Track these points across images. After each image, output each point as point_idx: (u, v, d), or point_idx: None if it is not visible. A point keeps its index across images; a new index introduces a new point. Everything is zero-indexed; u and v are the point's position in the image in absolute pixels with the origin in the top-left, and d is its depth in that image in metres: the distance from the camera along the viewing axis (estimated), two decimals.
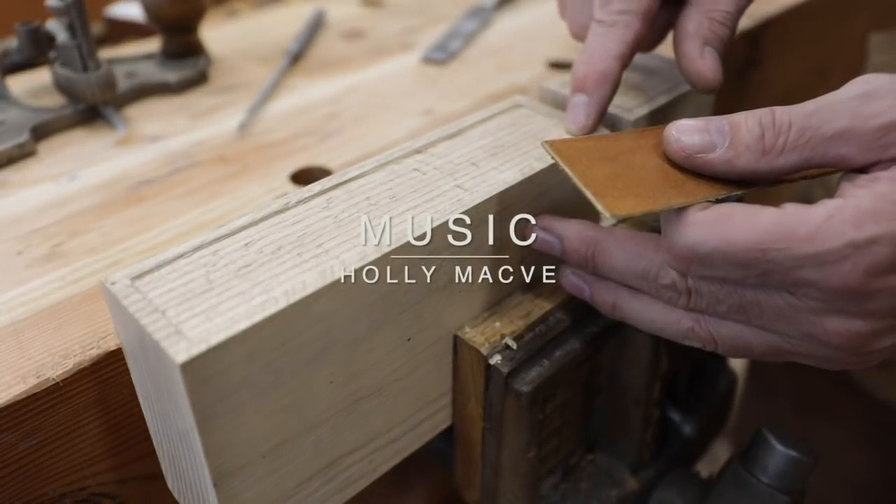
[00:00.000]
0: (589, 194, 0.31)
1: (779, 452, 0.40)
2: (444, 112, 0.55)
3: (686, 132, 0.31)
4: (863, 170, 0.29)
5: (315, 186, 0.34)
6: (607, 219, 0.30)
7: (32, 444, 0.33)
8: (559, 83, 0.43)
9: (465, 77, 0.60)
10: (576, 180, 0.31)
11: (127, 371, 0.33)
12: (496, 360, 0.36)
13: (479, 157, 0.36)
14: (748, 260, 0.28)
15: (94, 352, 0.33)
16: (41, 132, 0.52)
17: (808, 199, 0.29)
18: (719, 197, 0.31)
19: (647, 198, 0.31)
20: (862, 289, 0.27)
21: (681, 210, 0.30)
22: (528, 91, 0.57)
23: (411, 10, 0.76)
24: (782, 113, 0.30)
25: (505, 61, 0.63)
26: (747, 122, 0.30)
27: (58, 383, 0.32)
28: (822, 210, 0.28)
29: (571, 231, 0.35)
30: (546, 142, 0.34)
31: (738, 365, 0.87)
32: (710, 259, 0.29)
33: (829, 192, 0.30)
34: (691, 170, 0.32)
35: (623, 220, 0.30)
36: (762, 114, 0.30)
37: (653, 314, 0.34)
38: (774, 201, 0.30)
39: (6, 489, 0.33)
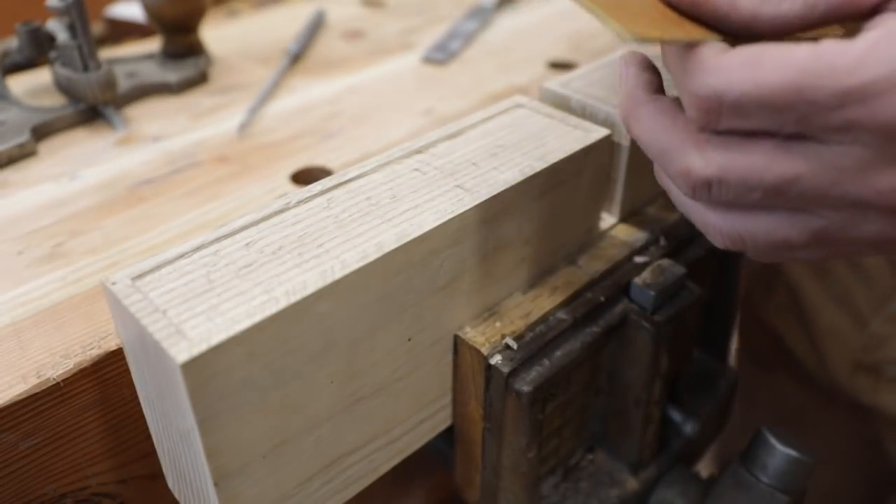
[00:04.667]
0: (602, 14, 0.27)
1: (779, 452, 0.40)
2: (444, 112, 0.55)
3: None
4: (877, 9, 0.26)
5: (315, 186, 0.34)
6: (627, 39, 0.26)
7: (33, 444, 0.33)
8: (559, 83, 0.43)
9: (465, 77, 0.60)
10: (594, 10, 0.27)
11: (127, 371, 0.33)
12: (496, 360, 0.36)
13: (479, 157, 0.36)
14: (784, 102, 0.24)
15: (95, 352, 0.33)
16: (41, 132, 0.52)
17: None
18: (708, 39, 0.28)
19: (666, 28, 0.28)
20: None
21: (700, 52, 0.26)
22: (528, 91, 0.57)
23: (411, 10, 0.76)
24: None
25: (505, 61, 0.63)
26: None
27: (58, 383, 0.32)
28: (864, 40, 0.24)
29: (626, 86, 0.31)
30: None
31: None
32: (740, 105, 0.25)
33: None
34: (688, 8, 0.28)
35: (643, 42, 0.27)
36: None
37: (678, 198, 0.31)
38: None
39: (6, 489, 0.33)
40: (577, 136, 0.38)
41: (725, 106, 0.26)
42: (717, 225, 0.29)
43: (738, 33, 0.28)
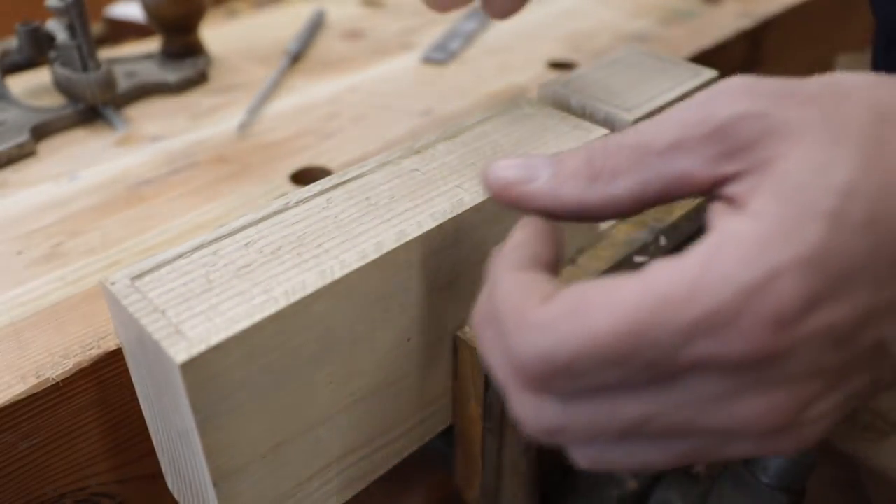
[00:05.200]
0: None
1: None
2: (444, 112, 0.55)
3: (503, 167, 0.26)
4: (715, 190, 0.23)
5: (315, 186, 0.34)
6: None
7: (32, 444, 0.33)
8: (559, 83, 0.43)
9: (465, 77, 0.60)
10: None
11: (127, 371, 0.33)
12: None
13: (478, 157, 0.36)
14: (623, 353, 0.21)
15: (94, 352, 0.33)
16: (41, 132, 0.52)
17: None
18: None
19: None
20: (775, 347, 0.20)
21: (520, 304, 0.23)
22: (528, 91, 0.57)
23: (411, 10, 0.76)
24: (616, 136, 0.25)
25: (505, 61, 0.63)
26: (576, 151, 0.25)
27: (58, 383, 0.32)
28: (696, 256, 0.21)
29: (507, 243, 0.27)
30: None
31: None
32: (575, 367, 0.21)
33: None
34: (509, 205, 0.26)
35: None
36: (595, 141, 0.25)
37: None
38: None
39: (6, 489, 0.33)
40: (577, 135, 0.38)
41: (558, 370, 0.21)
42: (575, 451, 0.25)
43: (568, 221, 0.26)
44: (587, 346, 0.21)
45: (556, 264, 0.26)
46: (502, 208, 0.29)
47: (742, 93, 0.23)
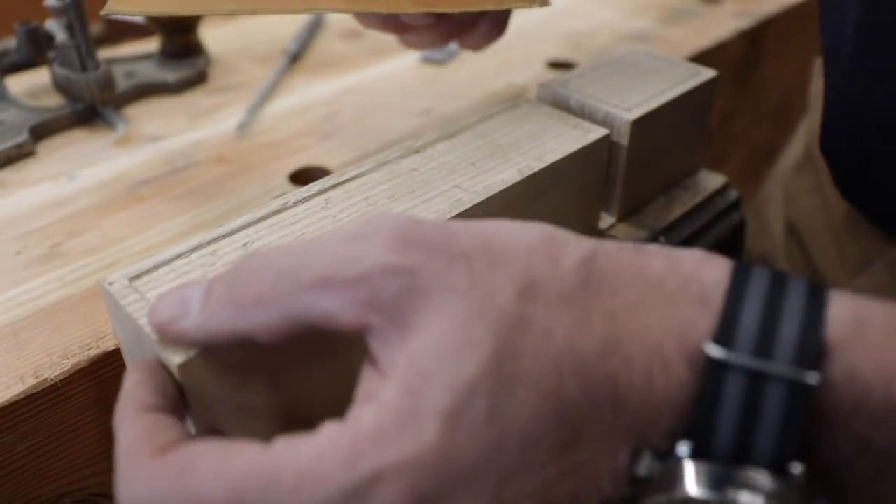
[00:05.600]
0: None
1: None
2: (444, 112, 0.55)
3: (160, 307, 0.25)
4: (364, 336, 0.23)
5: (313, 186, 0.34)
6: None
7: (31, 445, 0.33)
8: (558, 82, 0.43)
9: (464, 77, 0.60)
10: None
11: (125, 371, 0.33)
12: None
13: (477, 157, 0.36)
14: None
15: (93, 352, 0.33)
16: (40, 132, 0.52)
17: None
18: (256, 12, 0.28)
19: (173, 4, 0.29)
20: None
21: (133, 457, 0.22)
22: (527, 91, 0.57)
23: None
24: (267, 254, 0.23)
25: (504, 61, 0.63)
26: (224, 275, 0.24)
27: (56, 383, 0.32)
28: (314, 443, 0.20)
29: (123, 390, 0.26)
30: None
31: None
32: None
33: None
34: (173, 343, 0.25)
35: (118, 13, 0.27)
36: (243, 261, 0.24)
37: None
38: None
39: (5, 489, 0.33)
40: (576, 135, 0.38)
41: None
42: None
43: (229, 347, 0.25)
44: None
45: (179, 404, 0.25)
46: (492, 213, 0.29)
47: (394, 240, 0.22)
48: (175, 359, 0.25)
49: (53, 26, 0.52)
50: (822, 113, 0.44)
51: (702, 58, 0.63)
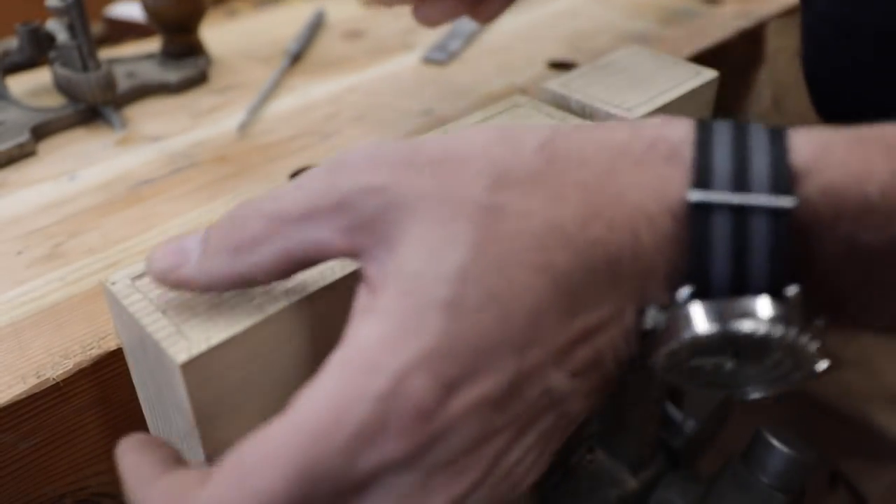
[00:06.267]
0: None
1: (779, 452, 0.40)
2: (444, 112, 0.55)
3: (158, 256, 0.26)
4: (356, 260, 0.24)
5: None
6: None
7: (32, 444, 0.33)
8: (559, 83, 0.43)
9: (465, 77, 0.60)
10: None
11: (127, 371, 0.33)
12: None
13: None
14: (301, 497, 0.21)
15: (95, 352, 0.33)
16: (41, 132, 0.52)
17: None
18: None
19: None
20: (427, 435, 0.21)
21: (178, 480, 0.23)
22: (527, 91, 0.57)
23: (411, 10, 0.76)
24: (256, 202, 0.25)
25: (505, 61, 0.63)
26: (220, 222, 0.25)
27: (58, 383, 0.32)
28: (331, 377, 0.22)
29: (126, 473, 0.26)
30: None
31: None
32: None
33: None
34: (177, 290, 0.26)
35: None
36: (237, 207, 0.25)
37: None
38: None
39: (6, 489, 0.33)
40: None
41: None
42: None
43: (230, 290, 0.26)
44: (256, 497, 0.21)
45: (181, 458, 0.26)
46: None
47: (364, 164, 0.23)
48: (178, 358, 0.25)
49: (55, 26, 0.52)
50: (804, 44, 0.46)
51: (702, 58, 0.63)
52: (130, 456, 0.25)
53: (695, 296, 0.22)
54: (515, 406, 0.22)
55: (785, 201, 0.21)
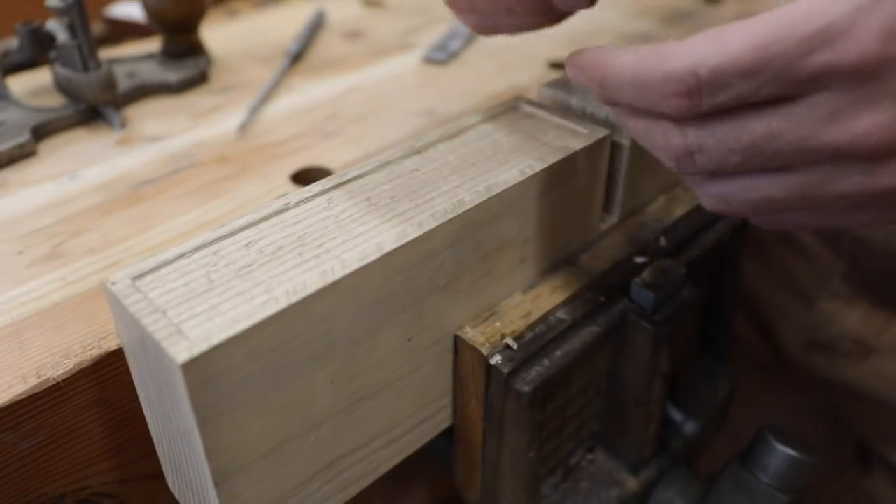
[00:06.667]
0: None
1: (779, 452, 0.40)
2: (445, 112, 0.55)
3: (578, 57, 0.30)
4: None
5: (315, 187, 0.34)
6: None
7: (33, 444, 0.33)
8: (559, 83, 0.43)
9: (465, 77, 0.60)
10: None
11: (127, 371, 0.33)
12: (496, 360, 0.36)
13: (478, 157, 0.36)
14: (756, 63, 0.25)
15: (95, 352, 0.33)
16: (41, 132, 0.52)
17: None
18: None
19: None
20: (881, 55, 0.24)
21: (659, 47, 0.27)
22: (528, 91, 0.57)
23: (411, 10, 0.76)
24: None
25: (505, 61, 0.63)
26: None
27: (58, 383, 0.32)
28: None
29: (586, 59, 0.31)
30: None
31: None
32: (717, 77, 0.26)
33: None
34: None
35: None
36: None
37: (662, 158, 0.30)
38: None
39: (6, 489, 0.33)
40: (577, 136, 0.38)
41: (703, 82, 0.26)
42: (704, 189, 0.30)
43: None
44: (727, 56, 0.25)
45: None
46: (494, 213, 0.31)
47: None
48: (178, 358, 0.25)
49: (55, 26, 0.52)
50: None
51: None
52: (587, 51, 0.30)
53: None
54: None
55: None
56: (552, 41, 0.67)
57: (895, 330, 0.58)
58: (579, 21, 0.71)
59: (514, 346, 0.36)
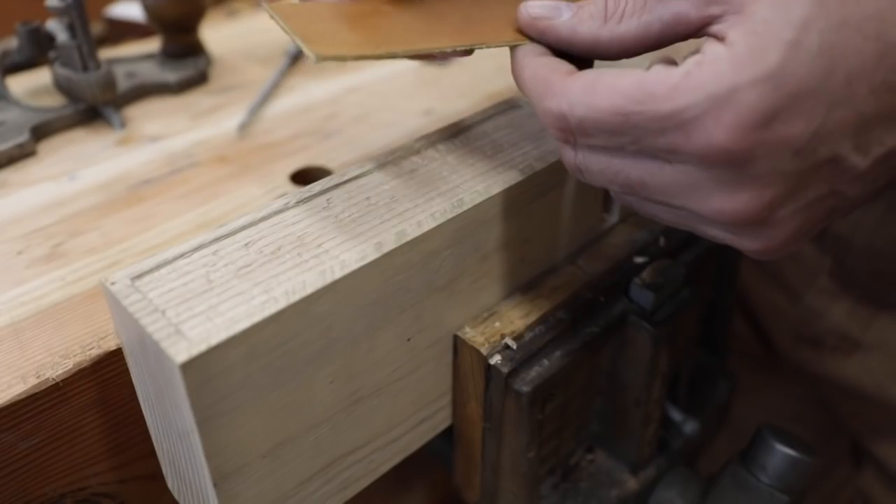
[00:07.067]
0: (298, 40, 0.29)
1: (779, 452, 0.40)
2: (444, 112, 0.55)
3: (532, 5, 0.32)
4: (704, 30, 0.28)
5: (315, 186, 0.34)
6: (311, 60, 0.29)
7: (32, 444, 0.33)
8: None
9: (464, 77, 0.60)
10: (288, 31, 0.30)
11: (127, 371, 0.33)
12: (496, 360, 0.36)
13: (477, 157, 0.36)
14: (615, 126, 0.27)
15: (95, 352, 0.33)
16: (41, 132, 0.52)
17: None
18: (458, 48, 0.32)
19: (367, 45, 0.30)
20: (734, 148, 0.25)
21: (549, 77, 0.29)
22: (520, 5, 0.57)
23: None
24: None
25: (505, 61, 0.63)
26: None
27: (58, 383, 0.32)
28: (683, 67, 0.26)
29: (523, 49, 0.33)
30: (270, 4, 0.31)
31: None
32: (584, 128, 0.28)
33: None
34: (536, 37, 0.32)
35: (330, 59, 0.29)
36: None
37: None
38: None
39: (6, 489, 0.33)
40: None
41: (573, 125, 0.28)
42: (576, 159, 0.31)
43: (584, 56, 0.31)
44: (590, 115, 0.27)
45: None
46: (493, 213, 0.31)
47: None
48: (178, 358, 0.25)
49: (55, 26, 0.52)
50: None
51: None
52: (526, 45, 0.32)
53: None
54: (805, 160, 0.25)
55: None
56: None
57: (879, 325, 0.58)
58: None
59: (514, 347, 0.36)
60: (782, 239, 0.28)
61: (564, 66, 0.30)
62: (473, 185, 0.34)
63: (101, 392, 0.34)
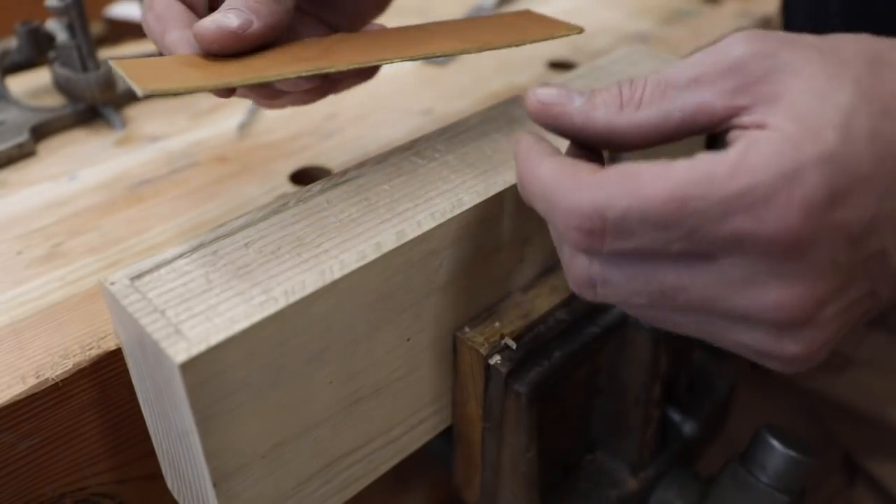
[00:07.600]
0: (128, 80, 0.28)
1: (779, 452, 0.40)
2: (444, 112, 0.55)
3: (544, 91, 0.29)
4: (730, 122, 0.26)
5: (314, 186, 0.34)
6: (139, 93, 0.27)
7: (32, 445, 0.33)
8: (559, 83, 0.43)
9: (464, 77, 0.60)
10: (123, 75, 0.29)
11: (126, 371, 0.33)
12: (496, 360, 0.36)
13: (478, 157, 0.36)
14: (669, 217, 0.23)
15: (94, 352, 0.33)
16: (41, 132, 0.52)
17: None
18: (302, 73, 0.30)
19: (201, 79, 0.29)
20: (802, 231, 0.23)
21: (576, 170, 0.26)
22: (527, 91, 0.57)
23: (411, 9, 0.76)
24: (641, 77, 0.28)
25: (505, 61, 0.63)
26: (608, 86, 0.28)
27: (57, 383, 0.32)
28: (733, 150, 0.24)
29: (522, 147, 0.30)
30: (115, 61, 0.31)
31: None
32: (625, 223, 0.24)
33: None
34: (548, 123, 0.29)
35: (156, 95, 0.28)
36: (622, 80, 0.28)
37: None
38: None
39: (5, 489, 0.33)
40: None
41: (609, 224, 0.24)
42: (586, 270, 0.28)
43: (597, 146, 0.29)
44: (637, 205, 0.24)
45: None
46: (493, 213, 0.31)
47: (752, 37, 0.26)
48: (177, 358, 0.25)
49: (54, 26, 0.52)
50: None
51: None
52: (525, 141, 0.29)
53: None
54: (858, 252, 0.24)
55: None
56: (552, 42, 0.66)
57: (871, 342, 0.58)
58: (579, 21, 0.71)
59: (514, 347, 0.36)
60: (822, 342, 0.25)
61: (585, 163, 0.27)
62: (473, 185, 0.34)
63: (100, 392, 0.34)
